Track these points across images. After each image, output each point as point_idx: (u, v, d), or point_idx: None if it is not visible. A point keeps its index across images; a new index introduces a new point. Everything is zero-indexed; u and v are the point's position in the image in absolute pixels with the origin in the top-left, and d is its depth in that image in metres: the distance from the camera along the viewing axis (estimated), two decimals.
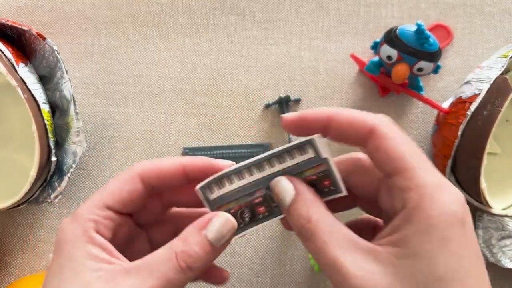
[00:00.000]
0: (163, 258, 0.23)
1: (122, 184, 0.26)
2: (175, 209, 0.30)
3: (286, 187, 0.25)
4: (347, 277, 0.21)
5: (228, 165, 0.26)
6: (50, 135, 0.39)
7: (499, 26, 0.48)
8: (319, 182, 0.26)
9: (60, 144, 0.42)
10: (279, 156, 0.25)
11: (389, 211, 0.25)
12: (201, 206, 0.26)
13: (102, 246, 0.24)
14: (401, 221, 0.22)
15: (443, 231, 0.21)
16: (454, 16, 0.48)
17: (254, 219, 0.26)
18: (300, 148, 0.25)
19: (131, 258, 0.25)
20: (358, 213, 0.29)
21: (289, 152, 0.25)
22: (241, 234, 0.26)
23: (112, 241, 0.25)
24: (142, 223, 0.29)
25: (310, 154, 0.25)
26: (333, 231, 0.23)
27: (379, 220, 0.29)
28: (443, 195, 0.21)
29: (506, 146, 0.46)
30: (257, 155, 0.46)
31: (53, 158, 0.40)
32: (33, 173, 0.38)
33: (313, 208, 0.24)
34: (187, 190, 0.27)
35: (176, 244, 0.24)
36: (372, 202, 0.26)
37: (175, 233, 0.25)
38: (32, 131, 0.38)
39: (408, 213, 0.21)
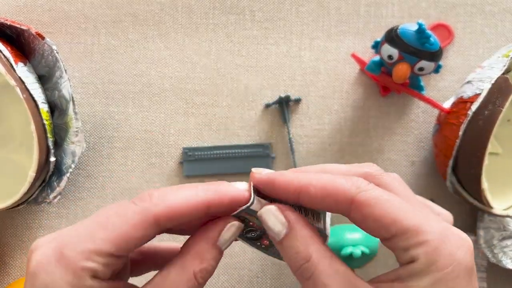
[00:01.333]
0: (181, 280, 0.22)
1: (132, 229, 0.21)
2: None
3: (275, 219, 0.23)
4: None
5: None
6: (49, 135, 0.39)
7: (500, 25, 0.48)
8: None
9: (59, 144, 0.42)
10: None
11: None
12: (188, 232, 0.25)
13: None
14: (406, 273, 0.21)
15: (451, 282, 0.20)
16: (455, 16, 0.48)
17: (256, 244, 0.25)
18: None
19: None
20: None
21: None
22: (244, 242, 0.25)
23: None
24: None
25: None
26: (333, 272, 0.22)
27: None
28: (449, 245, 0.21)
29: (507, 146, 0.45)
30: (256, 155, 0.46)
31: (52, 158, 0.40)
32: (32, 173, 0.38)
33: (311, 246, 0.22)
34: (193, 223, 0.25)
35: (191, 263, 0.22)
36: None
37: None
38: (31, 131, 0.37)
39: (415, 268, 0.21)
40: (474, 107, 0.38)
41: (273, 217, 0.23)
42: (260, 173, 0.24)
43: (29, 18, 0.47)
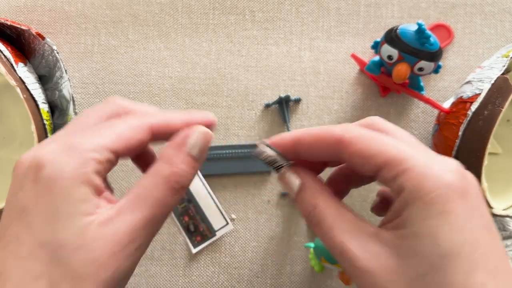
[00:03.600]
0: (154, 185, 0.23)
1: (133, 131, 0.24)
2: None
3: (291, 179, 0.26)
4: (354, 260, 0.22)
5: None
6: (49, 135, 0.39)
7: (499, 25, 0.48)
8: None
9: None
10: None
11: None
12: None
13: (97, 188, 0.22)
14: (399, 205, 0.22)
15: (441, 205, 0.20)
16: (455, 16, 0.48)
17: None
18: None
19: None
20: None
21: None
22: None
23: None
24: None
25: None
26: (338, 216, 0.23)
27: None
28: (435, 169, 0.21)
29: (507, 146, 0.46)
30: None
31: None
32: None
33: (319, 196, 0.25)
34: None
35: (162, 168, 0.24)
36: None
37: None
38: (31, 131, 0.38)
39: (404, 197, 0.21)
40: (473, 107, 0.38)
41: (289, 176, 0.26)
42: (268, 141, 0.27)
43: (30, 19, 0.47)
